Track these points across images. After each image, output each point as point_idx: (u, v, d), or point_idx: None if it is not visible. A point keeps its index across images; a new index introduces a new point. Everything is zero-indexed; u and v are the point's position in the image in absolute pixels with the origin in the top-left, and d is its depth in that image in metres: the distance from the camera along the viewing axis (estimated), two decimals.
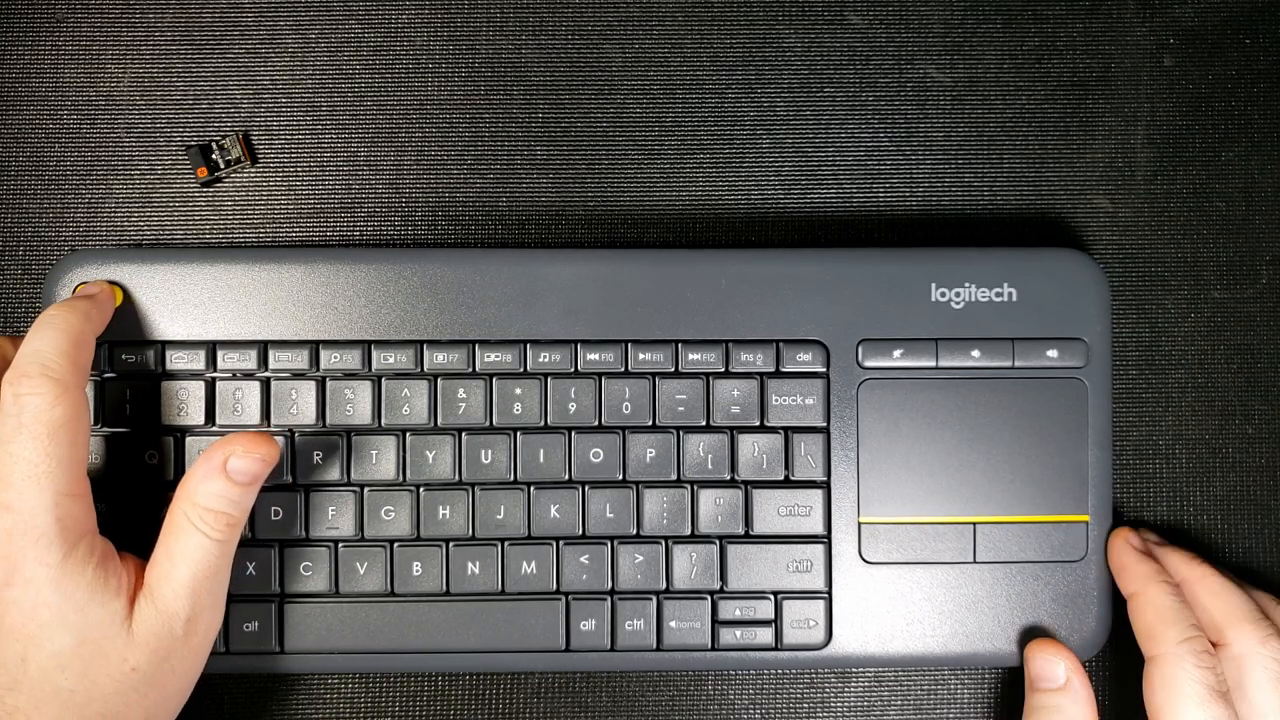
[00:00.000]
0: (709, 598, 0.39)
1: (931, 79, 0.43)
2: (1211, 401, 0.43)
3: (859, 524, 0.40)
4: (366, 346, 0.39)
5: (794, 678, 0.42)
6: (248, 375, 0.39)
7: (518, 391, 0.39)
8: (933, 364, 0.40)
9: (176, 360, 0.39)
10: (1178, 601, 0.38)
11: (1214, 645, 0.37)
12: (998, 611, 0.40)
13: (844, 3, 0.43)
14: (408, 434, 0.39)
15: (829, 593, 0.40)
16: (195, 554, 0.34)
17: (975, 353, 0.40)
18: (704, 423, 0.40)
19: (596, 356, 0.39)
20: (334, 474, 0.39)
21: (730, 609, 0.39)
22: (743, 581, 0.39)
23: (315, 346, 0.39)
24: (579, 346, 0.39)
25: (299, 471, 0.39)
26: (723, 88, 0.43)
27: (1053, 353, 0.40)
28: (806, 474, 0.40)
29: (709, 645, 0.39)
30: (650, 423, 0.40)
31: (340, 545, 0.39)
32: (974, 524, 0.40)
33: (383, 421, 0.39)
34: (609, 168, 0.43)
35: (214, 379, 0.39)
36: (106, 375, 0.39)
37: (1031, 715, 0.38)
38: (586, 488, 0.39)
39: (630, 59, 0.43)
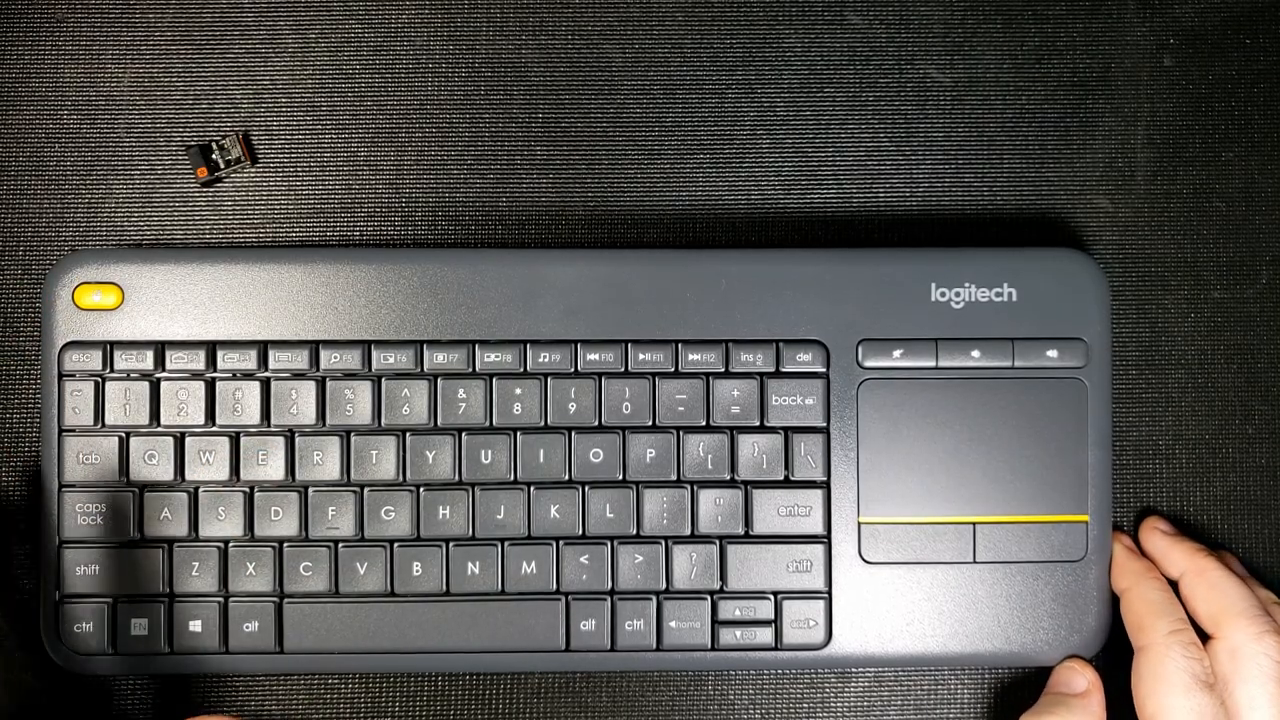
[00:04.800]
0: (709, 598, 0.39)
1: (931, 79, 0.43)
2: (1211, 401, 0.43)
3: (859, 524, 0.40)
4: (366, 346, 0.39)
5: (794, 678, 0.42)
6: (248, 375, 0.39)
7: (518, 391, 0.39)
8: (933, 364, 0.40)
9: (176, 360, 0.39)
10: (1168, 596, 0.38)
11: (1210, 638, 0.37)
12: (998, 611, 0.40)
13: (844, 3, 0.43)
14: (408, 434, 0.39)
15: (829, 593, 0.40)
16: None
17: (975, 353, 0.40)
18: (704, 423, 0.40)
19: (596, 356, 0.39)
20: (334, 474, 0.39)
21: (730, 609, 0.39)
22: (743, 581, 0.39)
23: (315, 346, 0.39)
24: (579, 346, 0.39)
25: (299, 471, 0.39)
26: (723, 88, 0.43)
27: (1053, 353, 0.40)
28: (806, 474, 0.40)
29: (709, 645, 0.39)
30: (650, 423, 0.40)
31: (340, 545, 0.39)
32: (974, 524, 0.40)
33: (383, 421, 0.39)
34: (609, 168, 0.43)
35: (214, 379, 0.39)
36: (107, 375, 0.39)
37: (1039, 711, 0.38)
38: (586, 488, 0.39)
39: (630, 59, 0.43)
